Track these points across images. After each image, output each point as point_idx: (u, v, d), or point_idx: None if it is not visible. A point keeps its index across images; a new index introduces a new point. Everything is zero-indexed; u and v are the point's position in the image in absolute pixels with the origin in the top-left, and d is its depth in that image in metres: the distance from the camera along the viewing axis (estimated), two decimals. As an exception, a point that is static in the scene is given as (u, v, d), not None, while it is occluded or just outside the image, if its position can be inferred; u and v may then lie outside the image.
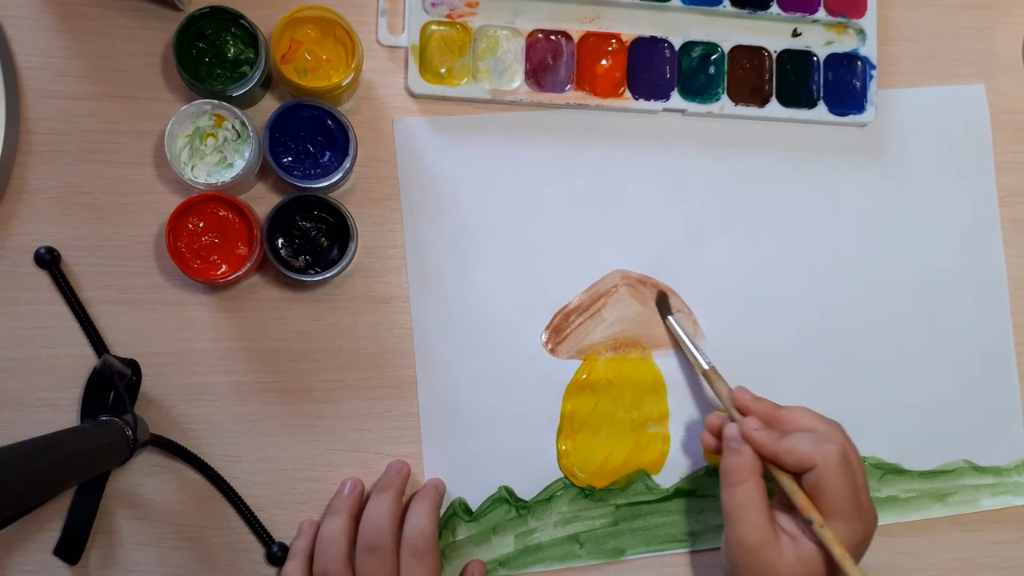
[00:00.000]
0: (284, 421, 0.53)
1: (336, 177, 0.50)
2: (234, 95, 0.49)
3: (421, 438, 0.53)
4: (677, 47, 0.56)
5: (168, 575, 0.51)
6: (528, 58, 0.55)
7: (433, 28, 0.54)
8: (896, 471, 0.58)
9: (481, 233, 0.55)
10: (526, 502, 0.54)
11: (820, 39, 0.57)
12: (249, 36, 0.50)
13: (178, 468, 0.52)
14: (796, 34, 0.57)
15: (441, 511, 0.53)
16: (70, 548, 0.50)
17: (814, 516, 0.45)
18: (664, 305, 0.55)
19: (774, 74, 0.56)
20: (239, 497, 0.52)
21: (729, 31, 0.56)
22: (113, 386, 0.50)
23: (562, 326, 0.55)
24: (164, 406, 0.52)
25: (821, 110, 0.57)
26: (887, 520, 0.57)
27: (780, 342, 0.57)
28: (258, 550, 0.52)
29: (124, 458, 0.48)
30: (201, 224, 0.49)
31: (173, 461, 0.52)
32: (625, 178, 0.56)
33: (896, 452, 0.58)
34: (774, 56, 0.57)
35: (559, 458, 0.55)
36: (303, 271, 0.50)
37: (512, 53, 0.55)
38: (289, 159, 0.50)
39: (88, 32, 0.52)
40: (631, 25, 0.56)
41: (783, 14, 0.56)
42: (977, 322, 0.59)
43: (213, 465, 0.51)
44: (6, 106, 0.49)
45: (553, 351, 0.55)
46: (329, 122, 0.50)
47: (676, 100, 0.56)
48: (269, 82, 0.52)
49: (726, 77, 0.56)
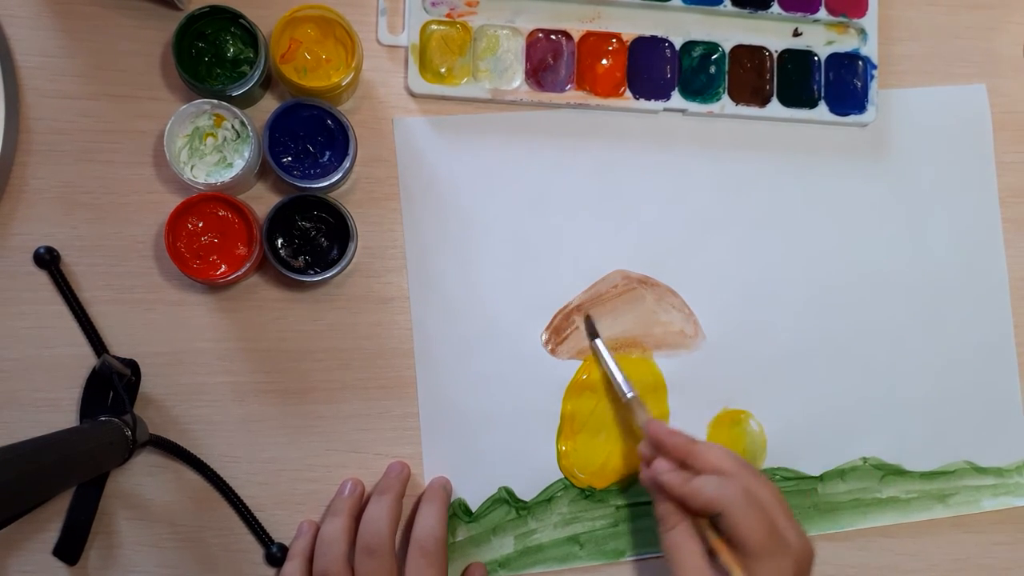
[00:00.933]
0: (284, 421, 0.52)
1: (336, 177, 0.50)
2: (234, 95, 0.49)
3: (421, 438, 0.53)
4: (678, 47, 0.56)
5: (167, 575, 0.51)
6: (528, 58, 0.55)
7: (433, 28, 0.54)
8: (897, 472, 0.57)
9: (481, 233, 0.54)
10: (526, 503, 0.54)
11: (821, 39, 0.57)
12: (249, 36, 0.50)
13: (177, 468, 0.52)
14: (797, 34, 0.57)
15: (445, 511, 0.53)
16: (70, 548, 0.50)
17: (733, 570, 0.44)
18: (590, 327, 0.55)
19: (775, 74, 0.56)
20: (238, 498, 0.52)
21: (730, 31, 0.56)
22: (112, 386, 0.49)
23: (562, 326, 0.55)
24: (163, 406, 0.51)
25: (822, 110, 0.57)
26: (888, 521, 0.57)
27: (780, 342, 0.57)
28: (257, 551, 0.52)
29: (123, 458, 0.48)
30: (201, 224, 0.49)
31: (172, 461, 0.51)
32: (625, 178, 0.56)
33: (897, 453, 0.58)
34: (775, 56, 0.56)
35: (559, 459, 0.55)
36: (303, 271, 0.50)
37: (512, 53, 0.55)
38: (289, 159, 0.50)
39: (87, 31, 0.52)
40: (631, 25, 0.56)
41: (784, 14, 0.56)
42: (978, 322, 0.59)
43: (212, 465, 0.51)
44: (6, 106, 0.49)
45: (553, 351, 0.55)
46: (329, 122, 0.50)
47: (677, 100, 0.55)
48: (269, 82, 0.52)
49: (727, 77, 0.56)
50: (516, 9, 0.55)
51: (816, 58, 0.57)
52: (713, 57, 0.56)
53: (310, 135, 0.50)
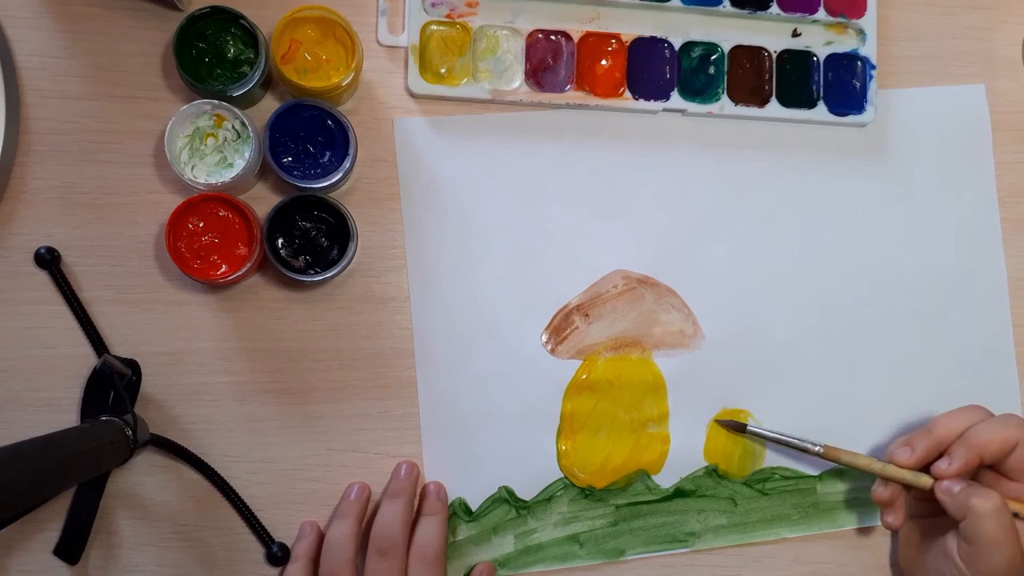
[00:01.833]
0: (284, 421, 0.53)
1: (336, 177, 0.50)
2: (234, 95, 0.49)
3: (421, 438, 0.53)
4: (677, 47, 0.56)
5: (168, 575, 0.51)
6: (528, 58, 0.55)
7: (433, 28, 0.54)
8: (896, 471, 0.58)
9: (481, 233, 0.55)
10: (526, 502, 0.54)
11: (820, 39, 0.57)
12: (249, 36, 0.50)
13: (178, 468, 0.52)
14: (796, 34, 0.57)
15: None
16: (70, 548, 0.50)
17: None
18: (739, 428, 0.55)
19: (774, 74, 0.56)
20: (239, 497, 0.52)
21: (729, 31, 0.56)
22: (113, 386, 0.49)
23: (562, 326, 0.55)
24: (164, 406, 0.52)
25: (821, 110, 0.57)
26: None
27: (780, 342, 0.57)
28: (258, 550, 0.52)
29: (124, 458, 0.48)
30: (201, 224, 0.49)
31: (173, 461, 0.52)
32: (625, 178, 0.56)
33: (896, 452, 0.58)
34: (774, 56, 0.57)
35: (559, 458, 0.55)
36: (303, 271, 0.50)
37: (512, 53, 0.55)
38: (289, 159, 0.50)
39: (88, 32, 0.52)
40: (631, 25, 0.56)
41: (783, 14, 0.56)
42: (977, 322, 0.59)
43: (213, 465, 0.51)
44: (6, 106, 0.49)
45: (553, 351, 0.55)
46: (329, 122, 0.50)
47: (676, 100, 0.56)
48: (269, 82, 0.52)
49: (726, 77, 0.56)
50: (516, 10, 0.55)
51: (815, 58, 0.57)
52: (712, 57, 0.56)
53: (310, 135, 0.50)
